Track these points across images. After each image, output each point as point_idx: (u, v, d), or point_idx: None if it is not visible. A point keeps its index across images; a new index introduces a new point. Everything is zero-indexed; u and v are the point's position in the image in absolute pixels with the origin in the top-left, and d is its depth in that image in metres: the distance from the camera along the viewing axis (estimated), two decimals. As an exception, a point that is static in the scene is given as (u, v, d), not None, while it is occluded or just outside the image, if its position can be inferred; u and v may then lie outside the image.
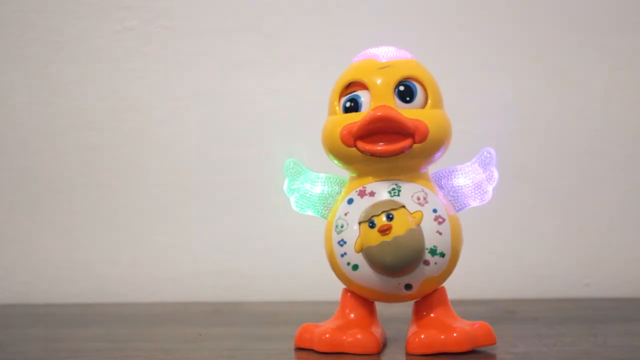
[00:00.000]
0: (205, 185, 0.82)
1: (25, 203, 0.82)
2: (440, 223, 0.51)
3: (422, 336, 0.50)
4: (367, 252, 0.50)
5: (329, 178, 0.55)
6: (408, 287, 0.51)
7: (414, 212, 0.51)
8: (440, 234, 0.51)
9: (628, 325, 0.64)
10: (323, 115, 0.54)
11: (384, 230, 0.50)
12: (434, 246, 0.51)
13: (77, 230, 0.82)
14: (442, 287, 0.54)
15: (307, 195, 0.55)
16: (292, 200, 0.55)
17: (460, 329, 0.50)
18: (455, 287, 0.80)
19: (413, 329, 0.52)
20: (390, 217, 0.50)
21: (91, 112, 0.82)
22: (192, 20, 0.82)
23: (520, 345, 0.54)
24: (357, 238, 0.51)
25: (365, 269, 0.51)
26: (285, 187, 0.56)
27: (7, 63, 0.82)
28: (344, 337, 0.51)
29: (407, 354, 0.50)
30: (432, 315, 0.53)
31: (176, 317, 0.72)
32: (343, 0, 0.81)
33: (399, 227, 0.50)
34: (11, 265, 0.82)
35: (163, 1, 0.82)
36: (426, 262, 0.51)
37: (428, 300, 0.53)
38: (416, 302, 0.54)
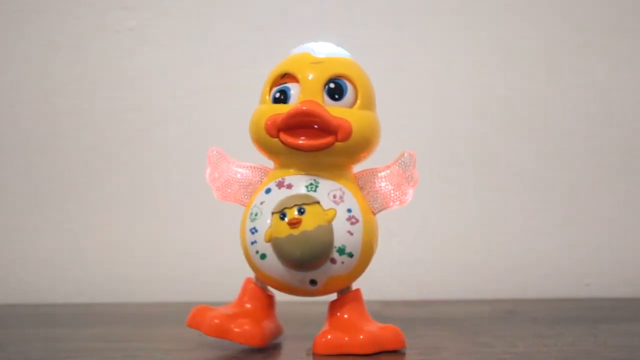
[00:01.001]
0: (205, 185, 0.82)
1: (25, 203, 0.82)
2: (352, 223, 0.51)
3: (329, 337, 0.50)
4: (275, 243, 0.50)
5: (251, 167, 0.55)
6: (313, 282, 0.52)
7: (328, 210, 0.51)
8: (352, 234, 0.51)
9: (628, 325, 0.64)
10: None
11: (293, 224, 0.50)
12: (343, 245, 0.51)
13: (77, 230, 0.82)
14: (358, 288, 0.54)
15: (229, 184, 0.55)
16: (214, 188, 0.56)
17: (367, 332, 0.50)
18: (455, 287, 0.81)
19: (323, 328, 0.52)
20: (301, 211, 0.50)
21: (91, 112, 0.82)
22: (192, 20, 0.82)
23: (520, 345, 0.54)
24: (268, 228, 0.51)
25: (272, 260, 0.51)
26: (207, 175, 0.56)
27: (7, 63, 0.82)
28: (231, 326, 0.51)
29: (314, 354, 0.50)
30: (345, 316, 0.53)
31: (176, 317, 0.72)
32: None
33: (309, 222, 0.50)
34: (11, 265, 0.82)
35: (163, 1, 0.82)
36: (333, 260, 0.51)
37: (342, 300, 0.53)
38: (331, 302, 0.54)
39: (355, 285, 0.54)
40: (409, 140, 0.81)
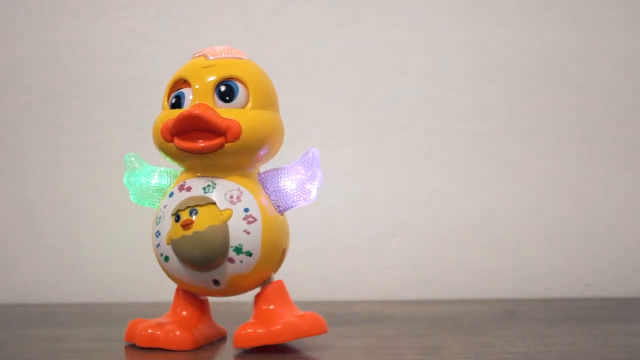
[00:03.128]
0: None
1: (25, 203, 0.82)
2: (250, 222, 0.51)
3: (249, 330, 0.51)
4: (172, 245, 0.52)
5: (164, 171, 0.57)
6: (216, 282, 0.53)
7: (223, 210, 0.51)
8: (249, 233, 0.51)
9: (628, 325, 0.64)
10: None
11: (186, 225, 0.51)
12: (240, 244, 0.51)
13: (77, 230, 0.82)
14: (279, 280, 0.55)
15: (143, 188, 0.57)
16: (130, 192, 0.57)
17: (284, 321, 0.51)
18: (455, 287, 0.81)
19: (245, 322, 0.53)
20: (195, 213, 0.51)
21: (91, 111, 0.82)
22: (192, 20, 0.82)
23: (520, 345, 0.54)
24: (168, 230, 0.52)
25: (174, 261, 0.52)
26: (124, 180, 0.58)
27: (7, 63, 0.82)
28: (159, 333, 0.52)
29: (234, 348, 0.52)
30: (270, 307, 0.54)
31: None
32: None
33: (201, 222, 0.51)
34: (11, 265, 0.82)
35: (163, 1, 0.82)
36: (231, 260, 0.51)
37: (263, 292, 0.54)
38: (255, 295, 0.55)
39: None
40: (409, 140, 0.81)
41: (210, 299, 0.57)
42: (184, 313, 0.55)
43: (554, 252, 0.82)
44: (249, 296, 0.56)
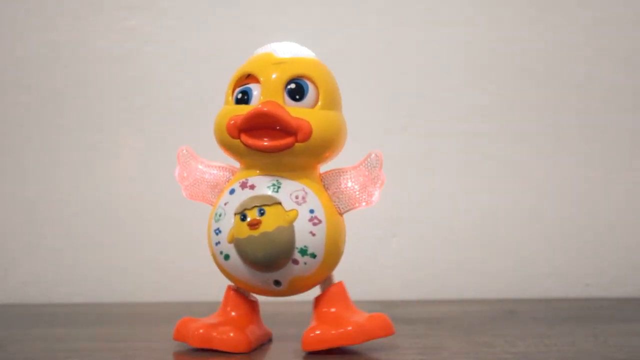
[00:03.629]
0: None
1: (25, 203, 0.82)
2: (315, 224, 0.51)
3: (317, 332, 0.50)
4: (235, 244, 0.51)
5: (220, 167, 0.55)
6: (277, 283, 0.52)
7: (289, 211, 0.50)
8: (314, 235, 0.51)
9: (628, 325, 0.64)
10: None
11: (253, 225, 0.50)
12: (305, 246, 0.50)
13: (77, 230, 0.82)
14: (340, 281, 0.54)
15: (197, 183, 0.56)
16: (183, 187, 0.56)
17: (354, 323, 0.50)
18: (455, 287, 0.81)
19: (310, 325, 0.52)
20: (262, 212, 0.50)
21: (91, 111, 0.82)
22: (192, 19, 0.82)
23: (520, 345, 0.54)
24: (231, 229, 0.51)
25: (236, 260, 0.51)
26: (176, 174, 0.56)
27: (7, 63, 0.82)
28: (214, 334, 0.51)
29: (305, 352, 0.51)
30: (332, 309, 0.53)
31: (176, 317, 0.72)
32: None
33: (269, 223, 0.50)
34: (11, 265, 0.82)
35: (163, 1, 0.82)
36: (295, 262, 0.51)
37: (326, 295, 0.53)
38: (315, 298, 0.54)
39: (337, 279, 0.54)
40: (409, 140, 0.82)
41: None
42: (234, 313, 0.54)
43: (554, 252, 0.82)
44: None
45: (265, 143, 0.50)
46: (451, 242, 0.82)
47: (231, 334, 0.51)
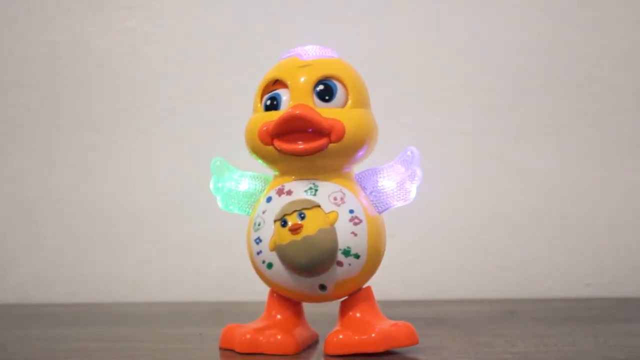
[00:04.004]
0: (205, 184, 0.82)
1: (25, 203, 0.82)
2: (356, 224, 0.50)
3: (340, 336, 0.50)
4: (278, 251, 0.50)
5: (254, 176, 0.55)
6: (322, 287, 0.51)
7: (329, 212, 0.50)
8: (356, 235, 0.50)
9: (628, 325, 0.64)
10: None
11: (295, 230, 0.49)
12: (348, 247, 0.50)
13: (77, 230, 0.82)
14: (368, 286, 0.53)
15: (232, 194, 0.55)
16: (218, 198, 0.55)
17: (379, 330, 0.50)
18: (455, 287, 0.81)
19: (334, 329, 0.52)
20: (302, 217, 0.50)
21: (91, 111, 0.82)
22: (192, 19, 0.82)
23: (520, 345, 0.54)
24: (272, 236, 0.51)
25: (279, 268, 0.51)
26: (211, 186, 0.56)
27: (7, 63, 0.82)
28: (261, 338, 0.51)
29: (326, 355, 0.50)
30: (357, 315, 0.52)
31: (176, 317, 0.72)
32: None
33: (310, 226, 0.49)
34: (11, 265, 0.82)
35: (163, 1, 0.82)
36: (339, 263, 0.50)
37: (352, 299, 0.53)
38: (342, 302, 0.53)
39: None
40: (410, 139, 0.81)
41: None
42: (279, 316, 0.53)
43: (554, 252, 0.82)
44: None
45: (300, 146, 0.50)
46: (451, 242, 0.82)
47: (279, 337, 0.51)
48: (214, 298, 0.81)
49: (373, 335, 0.49)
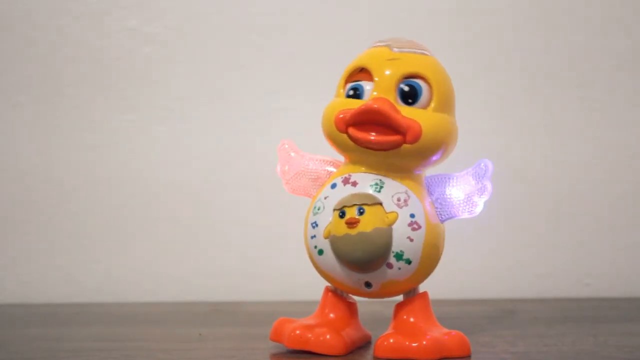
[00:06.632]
0: (205, 185, 0.82)
1: (25, 203, 0.82)
2: (414, 229, 0.49)
3: (391, 340, 0.49)
4: (331, 241, 0.50)
5: (321, 160, 0.54)
6: (368, 285, 0.51)
7: (389, 212, 0.49)
8: (412, 240, 0.49)
9: (628, 325, 0.64)
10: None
11: (351, 223, 0.49)
12: (401, 251, 0.49)
13: (77, 230, 0.82)
14: (425, 291, 0.53)
15: (299, 177, 0.54)
16: (284, 182, 0.55)
17: (431, 337, 0.49)
18: (455, 286, 0.81)
19: (386, 331, 0.51)
20: (361, 212, 0.49)
21: (91, 112, 0.82)
22: (192, 20, 0.82)
23: (520, 345, 0.54)
24: (328, 224, 0.50)
25: (329, 256, 0.50)
26: (277, 169, 0.55)
27: (7, 63, 0.82)
28: (310, 336, 0.50)
29: (375, 358, 0.50)
30: (411, 319, 0.52)
31: (176, 317, 0.72)
32: None
33: (367, 223, 0.49)
34: (11, 265, 0.82)
35: (163, 1, 0.82)
36: (389, 265, 0.49)
37: (407, 303, 0.52)
38: (397, 305, 0.53)
39: (421, 288, 0.53)
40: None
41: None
42: (332, 315, 0.53)
43: (554, 252, 0.82)
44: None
45: (372, 137, 0.49)
46: (451, 242, 0.81)
47: (327, 336, 0.50)
48: (214, 298, 0.80)
49: (424, 342, 0.49)
